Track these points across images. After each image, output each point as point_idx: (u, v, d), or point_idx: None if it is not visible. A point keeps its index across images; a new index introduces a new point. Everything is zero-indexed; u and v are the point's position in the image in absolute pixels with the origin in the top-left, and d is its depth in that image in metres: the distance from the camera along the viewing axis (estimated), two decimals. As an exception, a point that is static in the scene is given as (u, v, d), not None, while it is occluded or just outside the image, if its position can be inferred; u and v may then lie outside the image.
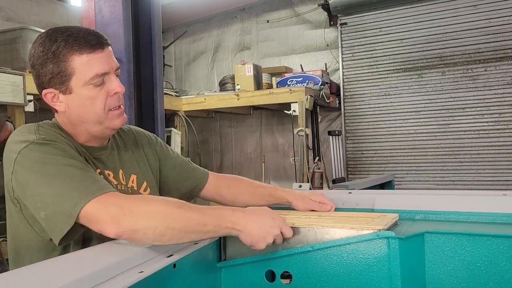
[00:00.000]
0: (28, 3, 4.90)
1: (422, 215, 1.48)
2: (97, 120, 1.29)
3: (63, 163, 1.15)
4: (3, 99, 3.03)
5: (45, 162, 1.14)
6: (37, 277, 0.86)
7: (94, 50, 1.24)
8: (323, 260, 1.16)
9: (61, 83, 1.25)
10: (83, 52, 1.23)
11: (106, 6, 2.30)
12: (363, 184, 2.76)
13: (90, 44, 1.24)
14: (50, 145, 1.18)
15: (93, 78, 1.24)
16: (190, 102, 5.22)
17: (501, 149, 4.61)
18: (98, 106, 1.27)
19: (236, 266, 1.24)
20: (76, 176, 1.12)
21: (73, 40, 1.23)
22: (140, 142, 1.54)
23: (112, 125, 1.32)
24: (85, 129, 1.31)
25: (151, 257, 1.03)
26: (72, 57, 1.22)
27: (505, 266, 1.12)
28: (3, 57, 3.53)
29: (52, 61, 1.23)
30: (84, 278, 0.83)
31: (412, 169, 5.03)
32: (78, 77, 1.24)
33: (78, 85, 1.24)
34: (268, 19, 5.90)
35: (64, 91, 1.26)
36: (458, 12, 4.73)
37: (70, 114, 1.29)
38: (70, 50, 1.22)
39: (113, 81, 1.28)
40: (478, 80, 4.68)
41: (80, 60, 1.23)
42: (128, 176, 1.44)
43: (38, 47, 1.26)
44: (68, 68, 1.23)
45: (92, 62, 1.24)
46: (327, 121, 5.55)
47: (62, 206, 1.09)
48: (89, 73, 1.23)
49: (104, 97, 1.27)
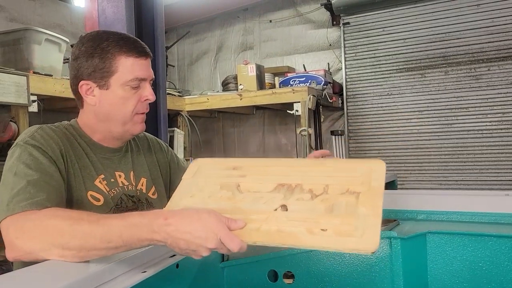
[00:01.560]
0: (31, 4, 4.92)
1: (424, 215, 1.48)
2: (123, 120, 1.35)
3: (21, 173, 1.16)
4: (6, 100, 3.04)
5: (9, 169, 1.18)
6: (41, 277, 0.86)
7: (139, 56, 1.34)
8: (325, 260, 1.17)
9: (101, 78, 1.32)
10: (130, 55, 1.32)
11: (109, 7, 2.31)
12: (365, 184, 2.75)
13: (137, 50, 1.34)
14: (28, 151, 1.21)
15: (132, 80, 1.32)
16: (193, 102, 5.22)
17: (504, 149, 4.60)
18: (128, 108, 1.34)
19: (238, 266, 1.25)
20: (17, 189, 1.12)
21: (123, 42, 1.33)
22: (153, 148, 1.60)
23: (133, 129, 1.39)
24: (108, 127, 1.37)
25: (154, 257, 1.03)
26: (119, 56, 1.31)
27: (507, 266, 1.12)
28: (7, 57, 3.54)
29: (99, 56, 1.31)
30: (87, 278, 0.84)
31: (415, 168, 5.02)
32: (119, 76, 1.32)
33: (116, 83, 1.32)
34: (271, 19, 5.90)
35: (101, 85, 1.33)
36: (461, 11, 4.72)
37: (100, 109, 1.35)
38: (119, 50, 1.31)
39: (148, 88, 1.36)
40: (482, 80, 4.67)
41: (125, 61, 1.32)
42: (139, 179, 1.48)
43: (87, 41, 1.34)
44: (112, 65, 1.31)
45: (135, 66, 1.33)
46: (330, 120, 5.54)
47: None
48: (130, 75, 1.32)
49: (136, 100, 1.35)
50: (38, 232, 1.00)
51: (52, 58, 3.64)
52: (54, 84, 3.43)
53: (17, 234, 1.02)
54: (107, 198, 1.35)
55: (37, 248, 0.98)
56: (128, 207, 1.39)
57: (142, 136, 1.60)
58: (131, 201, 1.41)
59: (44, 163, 1.21)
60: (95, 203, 1.32)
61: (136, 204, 1.42)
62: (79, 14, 5.09)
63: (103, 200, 1.34)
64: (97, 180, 1.35)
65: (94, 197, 1.33)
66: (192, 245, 0.89)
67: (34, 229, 1.01)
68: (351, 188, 0.98)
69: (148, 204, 1.46)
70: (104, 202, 1.34)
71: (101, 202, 1.33)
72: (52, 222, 1.00)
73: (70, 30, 5.20)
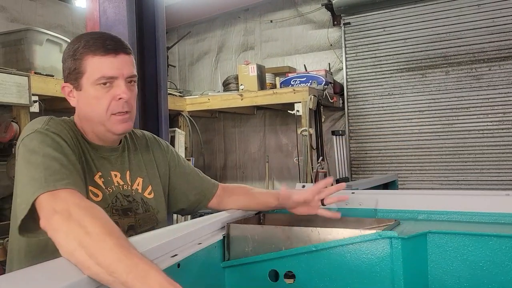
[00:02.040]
0: (32, 4, 4.92)
1: (424, 215, 1.49)
2: (99, 120, 1.34)
3: (50, 155, 1.18)
4: (8, 100, 3.04)
5: (36, 152, 1.19)
6: (43, 277, 0.86)
7: (106, 54, 1.32)
8: (326, 260, 1.17)
9: (75, 79, 1.34)
10: (96, 54, 1.31)
11: (110, 7, 2.31)
12: (366, 184, 2.76)
13: (105, 48, 1.32)
14: (49, 137, 1.24)
15: (100, 78, 1.31)
16: (194, 102, 5.23)
17: (505, 149, 4.60)
18: (102, 107, 1.32)
19: (240, 266, 1.25)
20: (52, 169, 1.13)
21: (93, 42, 1.33)
22: (151, 147, 1.59)
23: (114, 130, 1.36)
24: (91, 127, 1.38)
25: (155, 257, 1.04)
26: (86, 56, 1.31)
27: (507, 266, 1.13)
28: (8, 58, 3.55)
29: (72, 58, 1.34)
30: (88, 277, 0.84)
31: (416, 168, 5.02)
32: (88, 76, 1.32)
33: (87, 83, 1.32)
34: (272, 19, 5.91)
35: (76, 87, 1.35)
36: (462, 11, 4.72)
37: (80, 110, 1.37)
38: (87, 50, 1.32)
39: (120, 86, 1.32)
40: (482, 80, 4.67)
41: (92, 61, 1.31)
42: (135, 178, 1.47)
43: (68, 45, 1.38)
44: (81, 66, 1.32)
45: (103, 64, 1.31)
46: (331, 121, 5.55)
47: (26, 195, 1.10)
48: (97, 73, 1.31)
49: (109, 100, 1.32)
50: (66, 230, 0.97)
51: (53, 58, 3.65)
52: (55, 84, 3.43)
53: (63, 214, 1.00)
54: (105, 195, 1.36)
55: (57, 240, 0.98)
56: (123, 206, 1.39)
57: (141, 135, 1.59)
58: (126, 200, 1.41)
59: (67, 150, 1.24)
60: (94, 199, 1.32)
61: (131, 203, 1.42)
62: (80, 15, 5.10)
63: (101, 196, 1.35)
64: (96, 176, 1.36)
65: (94, 193, 1.33)
66: None
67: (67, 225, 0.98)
68: None
69: (143, 203, 1.45)
70: (102, 198, 1.34)
71: (99, 198, 1.34)
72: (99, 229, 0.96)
73: (71, 31, 5.21)
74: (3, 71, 3.07)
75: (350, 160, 5.33)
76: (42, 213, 1.05)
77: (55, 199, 1.06)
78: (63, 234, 0.98)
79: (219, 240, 1.24)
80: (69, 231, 0.97)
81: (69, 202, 1.04)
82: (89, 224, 0.97)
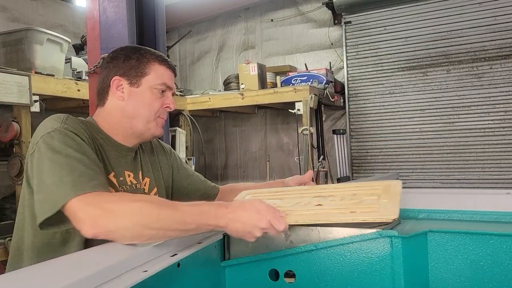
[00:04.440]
0: (33, 4, 4.93)
1: (425, 213, 1.48)
2: (146, 119, 1.46)
3: (73, 156, 1.23)
4: (9, 100, 3.05)
5: (58, 151, 1.23)
6: (41, 277, 0.86)
7: (169, 69, 1.52)
8: (326, 259, 1.17)
9: (134, 76, 1.46)
10: (162, 64, 1.49)
11: (110, 7, 2.31)
12: (367, 183, 2.75)
13: (169, 64, 1.52)
14: (70, 136, 1.28)
15: (161, 84, 1.47)
16: (194, 101, 5.23)
17: (507, 147, 4.59)
18: (152, 108, 1.46)
19: (240, 265, 1.25)
20: (78, 171, 1.19)
21: (158, 54, 1.52)
22: (155, 150, 1.68)
23: (154, 130, 1.49)
24: (130, 124, 1.47)
25: (155, 256, 1.04)
26: (154, 62, 1.48)
27: (508, 265, 1.12)
28: (9, 57, 3.55)
29: (136, 58, 1.47)
30: (88, 277, 0.84)
31: (417, 167, 5.01)
32: (150, 78, 1.46)
33: (146, 84, 1.46)
34: (272, 18, 5.90)
35: (133, 83, 1.46)
36: (463, 9, 4.71)
37: (127, 104, 1.46)
38: (154, 59, 1.49)
39: (170, 98, 1.51)
40: (484, 78, 4.66)
41: (158, 68, 1.48)
42: (143, 179, 1.56)
43: (126, 48, 1.52)
44: (146, 68, 1.47)
45: (165, 74, 1.50)
46: (332, 119, 5.54)
47: (53, 194, 1.15)
48: (160, 79, 1.47)
49: (159, 104, 1.48)
50: (125, 212, 1.08)
51: (54, 58, 3.65)
52: (56, 84, 3.43)
53: (100, 213, 1.09)
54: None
55: (122, 227, 1.07)
56: None
57: None
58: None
59: (86, 149, 1.29)
60: None
61: None
62: (81, 14, 5.10)
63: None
64: (110, 175, 1.42)
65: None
66: (247, 226, 1.10)
67: (120, 210, 1.09)
68: (374, 192, 1.25)
69: None
70: None
71: None
72: (137, 204, 1.10)
73: (71, 30, 5.21)
74: (4, 70, 3.07)
75: (351, 159, 5.33)
76: (77, 220, 1.12)
77: (87, 204, 1.12)
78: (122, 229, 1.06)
79: (219, 239, 1.24)
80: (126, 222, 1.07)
81: (101, 202, 1.12)
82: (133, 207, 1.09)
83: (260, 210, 1.12)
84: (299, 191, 1.41)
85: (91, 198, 1.13)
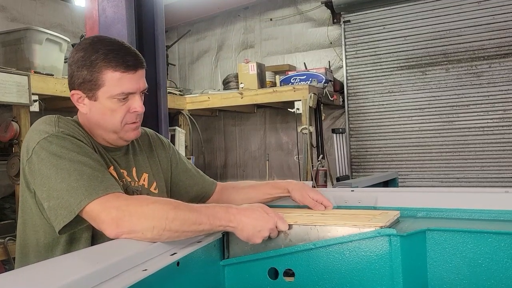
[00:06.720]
0: (32, 4, 4.92)
1: (424, 212, 1.49)
2: (112, 129, 1.39)
3: (77, 160, 1.22)
4: (8, 100, 3.05)
5: (60, 156, 1.22)
6: (42, 275, 0.87)
7: (127, 71, 1.33)
8: (325, 258, 1.17)
9: (89, 90, 1.34)
10: (117, 70, 1.32)
11: (109, 6, 2.31)
12: (367, 181, 2.76)
13: (126, 64, 1.33)
14: (68, 140, 1.26)
15: (119, 94, 1.34)
16: (194, 101, 5.23)
17: (505, 146, 4.59)
18: (116, 119, 1.37)
19: (239, 264, 1.25)
20: (86, 174, 1.19)
21: (112, 56, 1.32)
22: (153, 144, 1.64)
23: (126, 137, 1.42)
24: (101, 134, 1.41)
25: (155, 255, 1.04)
26: (106, 71, 1.32)
27: (506, 263, 1.13)
28: (8, 57, 3.55)
29: (88, 69, 1.32)
30: (88, 276, 0.84)
31: (416, 166, 5.02)
32: (106, 90, 1.33)
33: (103, 96, 1.34)
34: (272, 17, 5.90)
35: (90, 96, 1.35)
36: (462, 8, 4.71)
37: (91, 117, 1.39)
38: (107, 65, 1.31)
39: (137, 101, 1.38)
40: (482, 77, 4.66)
41: (112, 76, 1.32)
42: (140, 174, 1.53)
43: (80, 51, 1.35)
44: (99, 79, 1.32)
45: (123, 81, 1.33)
46: (331, 119, 5.55)
47: (67, 201, 1.16)
48: (117, 89, 1.33)
49: (124, 112, 1.37)
50: (146, 214, 1.12)
51: (53, 57, 3.65)
52: (55, 83, 3.43)
53: (124, 214, 1.13)
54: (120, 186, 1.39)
55: (143, 228, 1.10)
56: None
57: (143, 133, 1.63)
58: (136, 194, 1.46)
59: (87, 150, 1.28)
60: None
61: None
62: (80, 14, 5.10)
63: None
64: (110, 169, 1.40)
65: None
66: (258, 226, 1.18)
67: (142, 212, 1.13)
68: (371, 214, 1.34)
69: None
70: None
71: None
72: (157, 206, 1.15)
73: (71, 30, 5.21)
74: (3, 70, 3.07)
75: (350, 158, 5.34)
76: (100, 221, 1.15)
77: (108, 206, 1.14)
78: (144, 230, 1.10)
79: (219, 238, 1.25)
80: (148, 223, 1.10)
81: (123, 205, 1.15)
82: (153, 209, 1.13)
83: (267, 211, 1.22)
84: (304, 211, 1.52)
85: (109, 200, 1.16)
